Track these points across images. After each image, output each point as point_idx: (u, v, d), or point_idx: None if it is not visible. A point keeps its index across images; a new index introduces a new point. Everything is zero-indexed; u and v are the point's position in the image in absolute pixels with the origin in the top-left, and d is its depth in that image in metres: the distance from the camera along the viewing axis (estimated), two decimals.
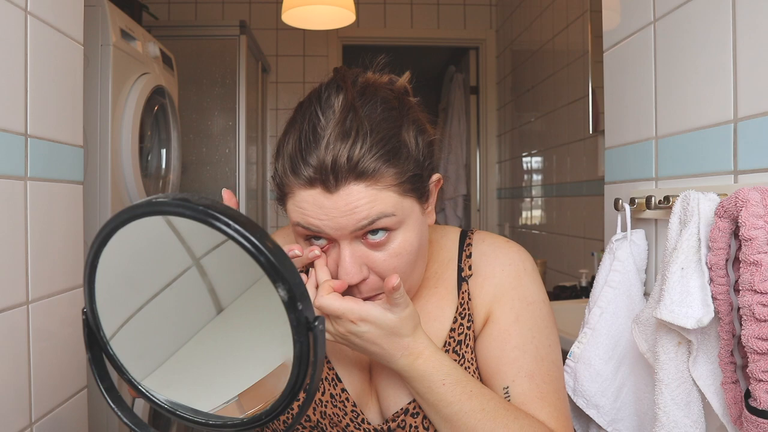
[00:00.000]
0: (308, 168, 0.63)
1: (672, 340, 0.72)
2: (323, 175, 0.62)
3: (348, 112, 0.65)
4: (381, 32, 3.72)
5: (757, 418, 0.59)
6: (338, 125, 0.64)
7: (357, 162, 0.62)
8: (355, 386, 0.76)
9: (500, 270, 0.79)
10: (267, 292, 0.41)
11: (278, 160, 0.68)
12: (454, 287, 0.79)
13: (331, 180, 0.62)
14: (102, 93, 1.65)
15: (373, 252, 0.66)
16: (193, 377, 0.50)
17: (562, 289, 2.15)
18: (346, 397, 0.75)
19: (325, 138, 0.63)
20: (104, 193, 1.67)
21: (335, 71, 0.72)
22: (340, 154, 0.62)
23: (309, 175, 0.63)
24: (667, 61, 0.84)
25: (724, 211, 0.63)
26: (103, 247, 0.45)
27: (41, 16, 0.89)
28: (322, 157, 0.62)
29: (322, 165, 0.62)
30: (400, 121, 0.68)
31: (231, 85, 2.84)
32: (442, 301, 0.79)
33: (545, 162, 2.89)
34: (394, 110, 0.68)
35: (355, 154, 0.62)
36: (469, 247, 0.81)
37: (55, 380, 0.94)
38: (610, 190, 1.01)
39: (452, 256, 0.82)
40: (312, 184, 0.63)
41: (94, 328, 0.49)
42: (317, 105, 0.67)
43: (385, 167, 0.64)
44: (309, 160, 0.63)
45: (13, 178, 0.83)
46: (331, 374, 0.76)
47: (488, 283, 0.78)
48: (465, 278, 0.79)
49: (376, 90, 0.69)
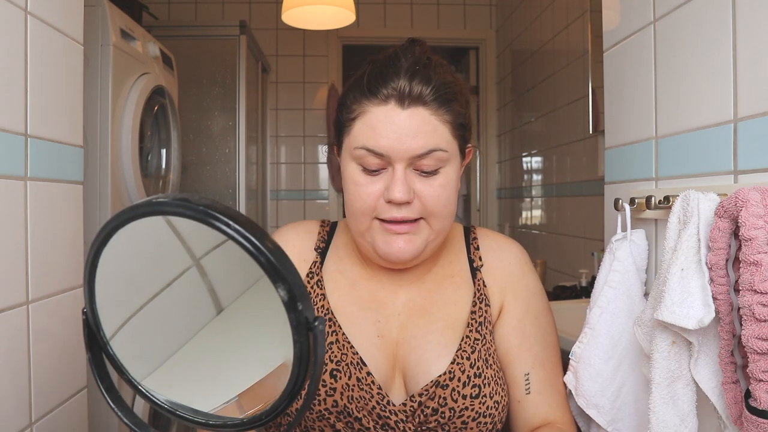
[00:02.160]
0: (387, 87, 0.75)
1: (666, 339, 0.72)
2: (399, 93, 0.74)
3: (425, 56, 0.78)
4: (381, 32, 3.72)
5: (757, 418, 0.59)
6: (416, 62, 0.76)
7: (427, 93, 0.74)
8: (380, 369, 0.80)
9: (508, 263, 0.90)
10: (267, 292, 0.41)
11: (350, 94, 0.79)
12: (469, 277, 0.88)
13: (405, 98, 0.74)
14: (102, 93, 1.65)
15: (423, 179, 0.76)
16: (193, 377, 0.50)
17: (562, 289, 2.15)
18: (371, 380, 0.78)
19: (404, 67, 0.75)
20: (104, 193, 1.67)
21: (412, 39, 0.83)
22: (414, 82, 0.74)
23: (387, 93, 0.75)
24: (667, 61, 0.84)
25: (724, 211, 0.63)
26: (103, 247, 0.45)
27: (41, 16, 0.89)
28: (400, 80, 0.74)
29: (399, 87, 0.74)
30: (457, 81, 0.80)
31: (231, 85, 2.84)
32: (460, 289, 0.87)
33: (545, 162, 2.89)
34: (454, 74, 0.81)
35: (428, 86, 0.75)
36: (475, 241, 0.91)
37: (55, 380, 0.94)
38: (610, 190, 1.02)
39: (461, 247, 0.91)
40: (386, 100, 0.75)
41: (94, 328, 0.49)
42: (397, 49, 0.79)
43: (445, 106, 0.76)
44: (388, 82, 0.75)
45: (13, 178, 0.83)
46: (356, 359, 0.79)
47: (499, 273, 0.89)
48: (477, 268, 0.89)
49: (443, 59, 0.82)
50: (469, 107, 0.82)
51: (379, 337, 0.83)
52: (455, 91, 0.78)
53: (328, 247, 0.91)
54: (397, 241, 0.77)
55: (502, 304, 0.87)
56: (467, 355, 0.80)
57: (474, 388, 0.79)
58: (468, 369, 0.79)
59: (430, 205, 0.76)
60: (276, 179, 3.73)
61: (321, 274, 0.87)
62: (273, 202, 3.71)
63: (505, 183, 3.68)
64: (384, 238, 0.78)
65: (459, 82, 0.81)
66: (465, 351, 0.80)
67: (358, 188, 0.77)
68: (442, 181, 0.77)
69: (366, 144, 0.75)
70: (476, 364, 0.80)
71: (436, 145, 0.75)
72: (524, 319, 0.86)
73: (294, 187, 3.74)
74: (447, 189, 0.77)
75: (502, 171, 3.73)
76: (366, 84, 0.76)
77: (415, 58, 0.77)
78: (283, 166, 3.75)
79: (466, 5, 3.77)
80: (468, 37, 3.79)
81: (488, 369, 0.81)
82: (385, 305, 0.85)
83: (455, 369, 0.79)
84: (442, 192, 0.77)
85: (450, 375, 0.78)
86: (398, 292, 0.86)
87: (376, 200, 0.76)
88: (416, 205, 0.76)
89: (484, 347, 0.82)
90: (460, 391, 0.78)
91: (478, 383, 0.79)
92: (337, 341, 0.81)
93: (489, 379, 0.80)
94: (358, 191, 0.77)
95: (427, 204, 0.76)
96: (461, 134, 0.79)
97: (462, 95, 0.80)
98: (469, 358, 0.80)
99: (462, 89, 0.80)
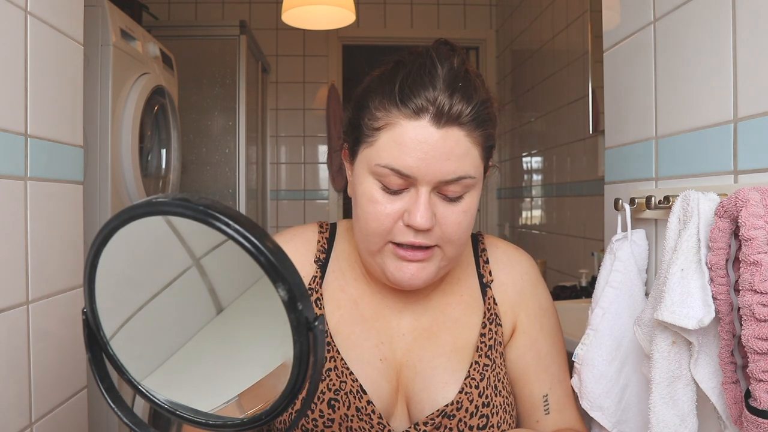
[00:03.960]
0: (420, 99, 0.66)
1: (666, 339, 0.72)
2: (437, 109, 0.66)
3: (464, 68, 0.70)
4: (381, 32, 3.72)
5: (757, 418, 0.59)
6: (456, 75, 0.69)
7: (466, 113, 0.67)
8: (381, 395, 0.76)
9: (520, 278, 0.85)
10: (267, 292, 0.41)
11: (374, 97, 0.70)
12: (479, 294, 0.83)
13: (443, 116, 0.66)
14: (102, 93, 1.65)
15: (446, 204, 0.70)
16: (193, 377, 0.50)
17: (562, 289, 2.15)
18: (372, 409, 0.74)
19: (442, 78, 0.67)
20: (104, 193, 1.67)
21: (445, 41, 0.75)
22: (455, 99, 0.67)
23: (420, 105, 0.66)
24: (666, 61, 0.84)
25: (724, 211, 0.63)
26: (103, 247, 0.45)
27: (41, 16, 0.89)
28: (437, 93, 0.66)
29: (438, 102, 0.66)
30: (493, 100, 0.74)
31: (231, 85, 2.84)
32: (468, 308, 0.82)
33: (545, 162, 2.89)
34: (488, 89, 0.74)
35: (468, 106, 0.67)
36: (484, 253, 0.86)
37: (55, 380, 0.94)
38: (610, 190, 1.01)
39: (470, 261, 0.85)
40: (419, 114, 0.66)
41: (94, 328, 0.49)
42: (433, 53, 0.71)
43: (480, 128, 0.69)
44: (423, 92, 0.66)
45: (13, 178, 0.83)
46: (356, 386, 0.75)
47: (511, 289, 0.84)
48: (487, 284, 0.83)
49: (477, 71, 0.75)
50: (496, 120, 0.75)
51: (381, 360, 0.78)
52: (490, 111, 0.71)
53: (329, 258, 0.84)
54: (410, 267, 0.72)
55: (515, 323, 0.82)
56: (476, 383, 0.76)
57: (482, 418, 0.74)
58: (476, 398, 0.75)
59: (449, 232, 0.71)
60: (276, 179, 3.73)
61: (321, 291, 0.81)
62: (273, 202, 3.71)
63: (505, 183, 3.68)
64: (396, 264, 0.72)
65: (494, 100, 0.74)
66: (474, 378, 0.76)
67: (375, 207, 0.70)
68: (464, 207, 0.71)
69: (392, 164, 0.67)
70: (485, 392, 0.76)
71: (466, 173, 0.69)
72: (539, 338, 0.82)
73: (294, 187, 3.74)
74: (468, 215, 0.72)
75: (502, 171, 3.73)
76: (398, 91, 0.68)
77: (453, 69, 0.69)
78: (283, 166, 3.75)
79: (466, 5, 3.77)
80: (468, 37, 3.79)
81: (497, 397, 0.76)
82: (389, 325, 0.80)
83: (463, 398, 0.74)
84: (464, 218, 0.71)
85: (458, 405, 0.74)
86: (403, 311, 0.81)
87: (394, 222, 0.70)
88: (435, 232, 0.70)
89: (494, 373, 0.77)
90: (467, 422, 0.74)
91: (486, 413, 0.75)
92: (336, 368, 0.75)
93: (498, 407, 0.76)
94: (376, 210, 0.70)
95: (446, 231, 0.70)
96: (488, 156, 0.74)
97: (495, 115, 0.74)
98: (477, 387, 0.76)
99: (496, 108, 0.74)
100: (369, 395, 0.75)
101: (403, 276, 0.72)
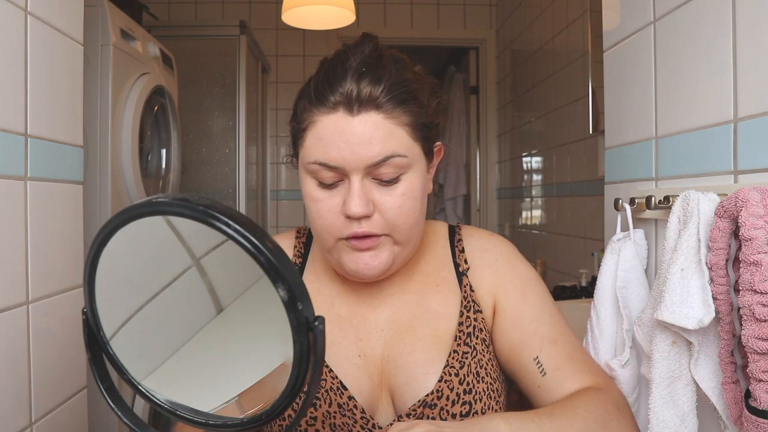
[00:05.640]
0: (334, 94, 0.69)
1: (666, 339, 0.72)
2: (348, 98, 0.68)
3: (375, 54, 0.72)
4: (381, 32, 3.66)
5: (757, 418, 0.59)
6: (366, 61, 0.71)
7: (379, 94, 0.69)
8: (363, 390, 0.76)
9: (494, 260, 0.84)
10: (267, 292, 0.41)
11: (300, 102, 0.74)
12: (455, 283, 0.83)
13: (354, 103, 0.68)
14: (102, 93, 1.65)
15: (382, 189, 0.71)
16: (193, 377, 0.50)
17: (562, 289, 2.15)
18: (354, 404, 0.75)
19: (352, 69, 0.70)
20: (104, 193, 1.67)
21: (365, 34, 0.77)
22: (363, 85, 0.68)
23: (334, 100, 0.69)
24: (666, 61, 0.84)
25: (724, 211, 0.63)
26: (103, 247, 0.45)
27: (41, 16, 0.89)
28: (347, 85, 0.69)
29: (347, 91, 0.68)
30: (416, 77, 0.75)
31: (231, 85, 2.83)
32: (446, 299, 0.82)
33: (545, 162, 2.89)
34: (412, 69, 0.76)
35: (378, 87, 0.69)
36: (460, 243, 0.86)
37: (55, 380, 0.94)
38: (610, 190, 1.02)
39: (446, 251, 0.86)
40: (335, 108, 0.69)
41: (94, 328, 0.49)
42: (347, 48, 0.73)
43: (401, 107, 0.70)
44: (335, 87, 0.69)
45: (13, 178, 0.83)
46: (336, 383, 0.76)
47: (487, 273, 0.84)
48: (463, 272, 0.83)
49: (398, 53, 0.77)
50: (432, 103, 0.76)
51: (359, 356, 0.78)
52: (412, 89, 0.72)
53: (305, 262, 0.86)
54: (362, 257, 0.73)
55: (494, 305, 0.82)
56: (455, 371, 0.76)
57: (464, 405, 0.74)
58: (457, 386, 0.75)
59: (391, 217, 0.71)
60: (276, 179, 3.73)
61: None
62: (273, 202, 3.71)
63: (505, 183, 3.68)
64: (349, 256, 0.73)
65: (418, 78, 0.75)
66: (453, 367, 0.76)
67: (317, 205, 0.72)
68: (403, 190, 0.71)
69: (318, 158, 0.70)
70: (466, 379, 0.75)
71: (393, 151, 0.69)
72: (522, 310, 0.81)
73: (294, 187, 3.74)
74: (410, 197, 0.72)
75: (502, 171, 3.73)
76: (313, 90, 0.71)
77: (364, 56, 0.71)
78: (283, 166, 3.74)
79: (466, 5, 3.76)
80: (468, 37, 3.79)
81: (480, 383, 0.76)
82: (366, 322, 0.81)
83: (443, 387, 0.74)
84: (404, 201, 0.71)
85: (438, 394, 0.74)
86: (380, 306, 0.82)
87: (337, 216, 0.71)
88: (377, 219, 0.71)
89: (475, 360, 0.77)
90: (450, 410, 0.74)
91: (469, 400, 0.75)
92: None
93: (481, 394, 0.76)
94: (318, 208, 0.72)
95: (388, 216, 0.71)
96: (424, 135, 0.74)
97: (422, 92, 0.74)
98: (457, 374, 0.75)
99: (422, 85, 0.75)
100: (350, 391, 0.75)
101: (357, 266, 0.73)
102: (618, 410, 0.72)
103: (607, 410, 0.70)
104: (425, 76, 0.78)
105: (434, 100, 0.76)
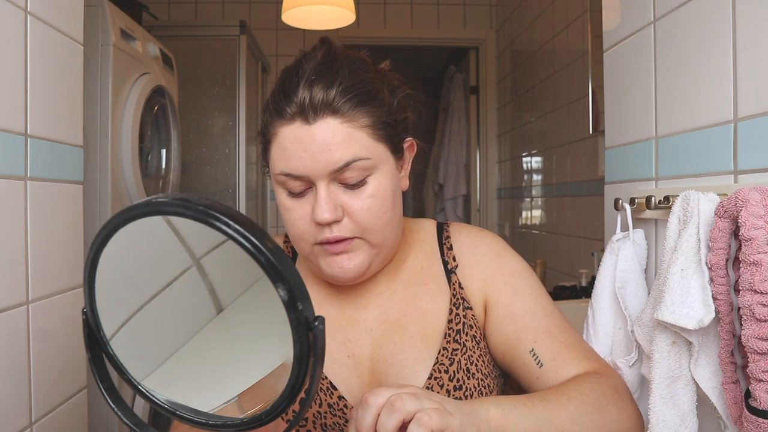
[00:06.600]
0: (290, 104, 0.69)
1: (666, 339, 0.72)
2: (302, 108, 0.68)
3: (328, 58, 0.72)
4: (381, 32, 3.71)
5: (757, 418, 0.59)
6: (318, 67, 0.70)
7: (333, 99, 0.68)
8: (353, 390, 0.77)
9: (482, 256, 0.84)
10: (267, 292, 0.41)
11: (263, 115, 0.74)
12: (444, 281, 0.83)
13: (309, 112, 0.68)
14: (102, 93, 1.65)
15: (349, 192, 0.71)
16: (193, 377, 0.50)
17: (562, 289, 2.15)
18: (344, 404, 0.75)
19: (305, 77, 0.69)
20: (104, 193, 1.67)
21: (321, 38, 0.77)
22: (315, 91, 0.68)
23: (291, 111, 0.69)
24: (666, 61, 0.84)
25: (724, 211, 0.63)
26: (103, 247, 0.45)
27: (41, 16, 0.89)
28: (300, 93, 0.68)
29: (300, 100, 0.68)
30: (375, 75, 0.74)
31: (231, 85, 2.83)
32: (435, 297, 0.82)
33: (545, 162, 2.88)
34: (370, 68, 0.75)
35: (331, 91, 0.68)
36: (448, 240, 0.86)
37: (55, 380, 0.94)
38: (610, 190, 1.02)
39: (434, 249, 0.86)
40: (293, 118, 0.69)
41: (94, 328, 0.49)
42: (301, 57, 0.73)
43: (358, 108, 0.69)
44: (291, 97, 0.69)
45: (13, 178, 0.83)
46: (325, 383, 0.76)
47: (475, 269, 0.83)
48: (452, 270, 0.83)
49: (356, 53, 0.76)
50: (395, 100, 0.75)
51: (349, 357, 0.79)
52: (370, 89, 0.71)
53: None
54: (337, 260, 0.73)
55: (485, 300, 0.81)
56: (445, 368, 0.76)
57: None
58: (447, 383, 0.75)
59: (361, 219, 0.71)
60: None
61: None
62: (273, 202, 3.71)
63: (505, 183, 3.68)
64: (325, 260, 0.74)
65: (377, 77, 0.74)
66: (443, 364, 0.76)
67: (290, 213, 0.73)
68: (371, 191, 0.71)
69: (283, 169, 0.70)
70: (456, 376, 0.76)
71: (354, 155, 0.69)
72: (514, 303, 0.80)
73: None
74: (379, 198, 0.72)
75: (502, 171, 3.73)
76: (272, 103, 0.71)
77: (316, 62, 0.71)
78: None
79: (466, 5, 3.76)
80: (468, 37, 3.79)
81: (470, 379, 0.76)
82: (355, 322, 0.81)
83: (433, 384, 0.75)
84: (373, 203, 0.71)
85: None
86: (368, 306, 0.82)
87: (308, 223, 0.72)
88: (347, 222, 0.71)
89: (465, 356, 0.77)
90: None
91: (459, 396, 0.74)
92: None
93: (472, 390, 0.76)
94: (291, 217, 0.73)
95: (358, 219, 0.71)
96: (388, 134, 0.73)
97: (381, 91, 0.73)
98: (447, 371, 0.75)
99: (382, 84, 0.74)
100: (340, 391, 0.76)
101: (333, 270, 0.74)
102: (616, 393, 0.71)
103: (603, 393, 0.70)
104: (387, 73, 0.78)
105: (397, 97, 0.76)
